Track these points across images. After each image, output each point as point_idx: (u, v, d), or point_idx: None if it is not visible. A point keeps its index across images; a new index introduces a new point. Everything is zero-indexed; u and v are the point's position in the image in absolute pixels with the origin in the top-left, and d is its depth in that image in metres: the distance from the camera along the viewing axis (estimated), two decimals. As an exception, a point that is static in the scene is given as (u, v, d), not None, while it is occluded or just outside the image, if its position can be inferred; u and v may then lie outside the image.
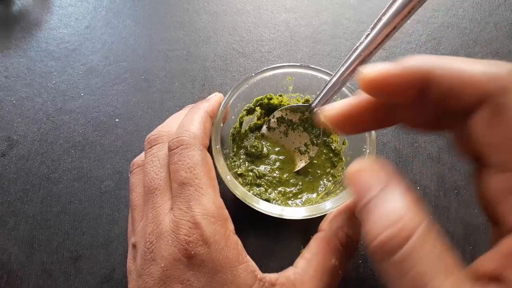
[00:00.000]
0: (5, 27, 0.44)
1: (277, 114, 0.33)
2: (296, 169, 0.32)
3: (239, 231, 0.24)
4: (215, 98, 0.29)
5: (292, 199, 0.31)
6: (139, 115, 0.38)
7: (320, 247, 0.24)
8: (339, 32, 0.42)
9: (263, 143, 0.34)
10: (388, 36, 0.21)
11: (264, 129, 0.34)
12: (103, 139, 0.37)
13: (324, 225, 0.25)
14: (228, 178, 0.26)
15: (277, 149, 0.34)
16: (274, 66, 0.31)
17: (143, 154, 0.29)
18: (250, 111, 0.33)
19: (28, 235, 0.33)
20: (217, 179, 0.25)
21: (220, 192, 0.24)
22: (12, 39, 0.43)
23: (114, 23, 0.44)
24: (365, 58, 0.22)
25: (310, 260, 0.24)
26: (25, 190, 0.35)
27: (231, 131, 0.33)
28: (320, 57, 0.41)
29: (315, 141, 0.33)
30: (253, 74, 0.30)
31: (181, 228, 0.21)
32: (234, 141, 0.33)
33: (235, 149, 0.33)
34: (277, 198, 0.31)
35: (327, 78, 0.30)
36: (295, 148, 0.33)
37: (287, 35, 0.42)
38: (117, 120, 0.38)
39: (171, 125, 0.27)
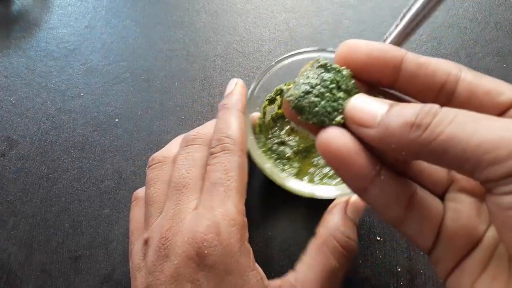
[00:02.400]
0: (5, 27, 0.44)
1: None
2: None
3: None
4: (240, 90, 0.28)
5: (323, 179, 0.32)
6: (139, 115, 0.38)
7: (319, 250, 0.24)
8: (339, 32, 0.42)
9: (288, 146, 0.33)
10: (418, 24, 0.20)
11: (293, 123, 0.34)
12: (103, 139, 0.37)
13: (320, 228, 0.26)
14: (267, 166, 0.27)
15: (301, 146, 0.33)
16: (293, 53, 0.30)
17: (163, 150, 0.29)
18: (271, 101, 0.33)
19: (27, 235, 0.33)
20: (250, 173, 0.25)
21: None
22: (12, 38, 0.43)
23: (114, 23, 0.44)
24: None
25: (310, 265, 0.24)
26: (25, 190, 0.35)
27: (257, 122, 0.33)
28: (320, 57, 0.41)
29: None
30: (273, 63, 0.30)
31: (200, 225, 0.22)
32: (261, 132, 0.33)
33: (263, 140, 0.33)
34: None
35: None
36: None
37: (287, 35, 0.42)
38: (116, 120, 0.38)
39: (207, 129, 0.28)
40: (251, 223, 0.24)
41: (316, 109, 0.17)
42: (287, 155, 0.33)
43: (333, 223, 0.25)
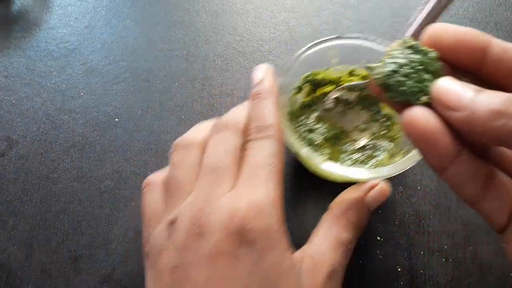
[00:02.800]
0: (5, 27, 0.44)
1: (333, 94, 0.33)
2: (358, 147, 0.33)
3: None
4: (272, 78, 0.28)
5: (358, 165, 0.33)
6: (139, 114, 0.38)
7: (333, 223, 0.26)
8: (339, 32, 0.42)
9: (316, 134, 0.34)
10: (440, 12, 0.20)
11: (321, 111, 0.34)
12: (103, 139, 0.37)
13: (333, 204, 0.27)
14: (304, 151, 0.27)
15: (330, 133, 0.34)
16: (319, 40, 0.31)
17: (186, 135, 0.28)
18: (299, 90, 0.34)
19: (27, 235, 0.33)
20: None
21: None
22: (12, 38, 0.43)
23: (114, 23, 0.44)
24: (417, 33, 0.21)
25: (324, 235, 0.25)
26: (25, 190, 0.35)
27: (286, 110, 0.33)
28: (320, 56, 0.41)
29: (375, 118, 0.33)
30: (301, 51, 0.31)
31: (241, 203, 0.22)
32: (290, 120, 0.33)
33: (292, 128, 0.33)
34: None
35: (372, 45, 0.31)
36: (354, 127, 0.34)
37: (287, 34, 0.42)
38: (116, 119, 0.38)
39: (239, 116, 0.27)
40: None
41: (403, 88, 0.17)
42: (316, 142, 0.33)
43: (348, 201, 0.26)
